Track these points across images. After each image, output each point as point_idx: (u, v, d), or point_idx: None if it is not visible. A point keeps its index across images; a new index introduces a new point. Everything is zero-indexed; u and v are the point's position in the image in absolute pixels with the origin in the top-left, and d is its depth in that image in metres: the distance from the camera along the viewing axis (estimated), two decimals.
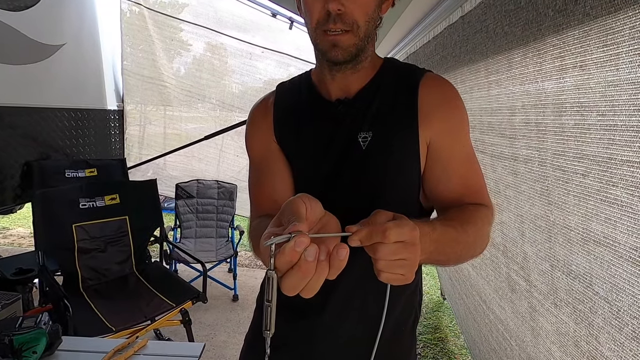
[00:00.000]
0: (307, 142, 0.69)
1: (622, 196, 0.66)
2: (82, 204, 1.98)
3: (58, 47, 2.52)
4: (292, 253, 0.37)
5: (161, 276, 2.13)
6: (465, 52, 1.27)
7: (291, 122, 0.71)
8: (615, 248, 0.71)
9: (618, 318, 0.73)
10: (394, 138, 0.65)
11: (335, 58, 0.61)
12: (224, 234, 3.14)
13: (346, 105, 0.68)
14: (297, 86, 0.75)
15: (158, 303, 1.88)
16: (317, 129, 0.69)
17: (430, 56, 1.68)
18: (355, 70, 0.66)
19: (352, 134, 0.66)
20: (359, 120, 0.66)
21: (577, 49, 0.70)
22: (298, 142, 0.70)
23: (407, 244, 0.44)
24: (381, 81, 0.68)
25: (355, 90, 0.68)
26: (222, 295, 2.86)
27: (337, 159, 0.66)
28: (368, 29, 0.62)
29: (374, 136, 0.65)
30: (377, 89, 0.68)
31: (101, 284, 1.97)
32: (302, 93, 0.73)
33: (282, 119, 0.73)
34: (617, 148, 0.65)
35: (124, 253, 2.09)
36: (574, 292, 0.88)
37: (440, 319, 2.78)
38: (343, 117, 0.67)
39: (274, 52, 3.25)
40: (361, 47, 0.62)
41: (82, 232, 1.95)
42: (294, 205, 0.42)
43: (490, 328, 1.60)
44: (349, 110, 0.67)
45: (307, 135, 0.69)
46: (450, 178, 0.67)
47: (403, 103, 0.66)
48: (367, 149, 0.65)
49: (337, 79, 0.68)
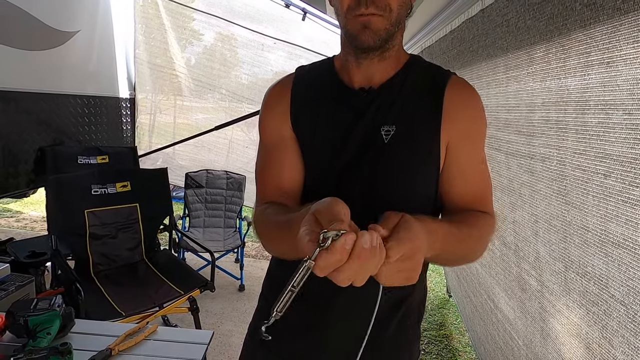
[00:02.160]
0: (326, 130, 0.67)
1: None
2: (94, 190, 2.00)
3: (72, 33, 2.53)
4: (343, 250, 0.38)
5: (170, 264, 2.15)
6: (483, 47, 1.24)
7: (310, 107, 0.69)
8: (635, 250, 0.69)
9: (634, 322, 0.72)
10: (417, 135, 0.64)
11: (365, 41, 0.60)
12: (232, 224, 3.16)
13: (371, 94, 0.66)
14: (317, 71, 0.73)
15: (167, 290, 1.90)
16: (338, 116, 0.67)
17: (446, 50, 1.65)
18: (382, 58, 0.65)
19: (375, 125, 0.65)
20: (383, 112, 0.65)
21: (605, 44, 0.68)
22: (316, 128, 0.68)
23: (408, 258, 0.44)
24: (407, 76, 0.67)
25: (380, 80, 0.67)
26: (228, 285, 2.89)
27: (357, 149, 0.65)
28: (400, 15, 0.60)
29: (397, 130, 0.64)
30: (403, 84, 0.67)
31: (111, 270, 2.00)
32: (323, 78, 0.71)
33: (300, 103, 0.70)
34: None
35: (134, 240, 2.12)
36: (588, 294, 0.86)
37: (446, 316, 2.77)
38: (367, 107, 0.65)
39: (285, 44, 3.23)
40: (391, 33, 0.61)
41: (93, 218, 1.98)
42: (336, 207, 0.42)
43: (497, 327, 1.59)
44: (374, 100, 0.66)
45: (327, 122, 0.67)
46: (464, 182, 0.68)
47: (429, 102, 0.65)
48: (390, 142, 0.64)
49: (362, 67, 0.66)
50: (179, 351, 1.00)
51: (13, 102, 2.15)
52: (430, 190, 0.67)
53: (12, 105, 2.14)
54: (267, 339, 0.47)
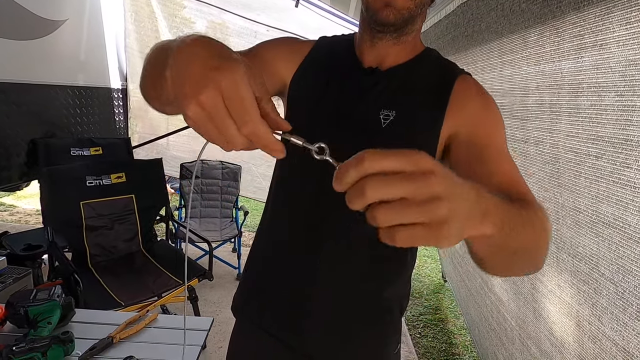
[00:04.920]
0: (328, 103, 0.66)
1: (635, 178, 0.66)
2: (89, 181, 1.98)
3: (60, 22, 2.47)
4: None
5: (167, 254, 2.16)
6: (478, 32, 1.24)
7: (320, 74, 0.68)
8: (625, 230, 0.71)
9: (623, 299, 0.74)
10: (416, 123, 0.63)
11: (386, 18, 0.58)
12: (229, 214, 3.17)
13: (376, 75, 0.65)
14: (337, 42, 0.74)
15: (165, 280, 1.91)
16: (344, 91, 0.66)
17: (441, 35, 1.65)
18: (397, 41, 0.64)
19: (375, 107, 0.64)
20: (385, 96, 0.65)
21: (598, 26, 0.68)
22: (323, 97, 0.67)
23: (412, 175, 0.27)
24: (418, 65, 0.67)
25: (391, 64, 0.66)
26: (226, 274, 2.91)
27: (353, 128, 0.64)
28: None
29: (396, 116, 0.63)
30: (412, 71, 0.66)
31: (109, 261, 2.00)
32: (341, 50, 0.71)
33: (312, 65, 0.70)
34: (634, 129, 0.64)
35: (131, 231, 2.12)
36: (579, 274, 0.89)
37: (441, 300, 2.83)
38: (371, 87, 0.65)
39: (279, 31, 3.18)
40: (413, 15, 0.60)
41: (89, 210, 1.97)
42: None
43: (490, 309, 1.63)
44: (379, 82, 0.65)
45: (332, 94, 0.66)
46: (488, 167, 0.56)
47: (435, 93, 0.63)
48: (387, 127, 0.62)
49: (375, 47, 0.65)
50: (179, 338, 1.01)
51: (2, 93, 2.11)
52: None
53: (1, 97, 2.11)
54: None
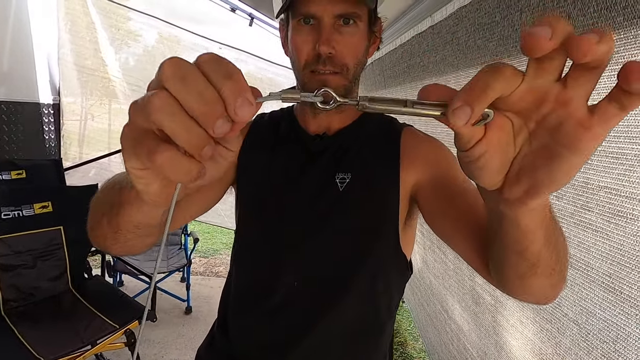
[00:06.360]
0: (277, 169, 0.67)
1: (597, 222, 0.66)
2: (5, 213, 1.70)
3: None
4: None
5: (103, 293, 1.91)
6: (434, 63, 1.25)
7: (264, 145, 0.69)
8: (587, 272, 0.70)
9: (587, 341, 0.73)
10: (373, 182, 0.63)
11: None
12: (177, 241, 2.92)
13: (325, 141, 0.66)
14: (277, 116, 0.74)
15: (99, 325, 1.67)
16: (291, 158, 0.67)
17: (397, 63, 1.66)
18: (339, 110, 0.64)
19: (329, 172, 0.64)
20: (338, 158, 0.65)
21: None
22: (272, 165, 0.67)
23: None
24: (363, 124, 0.68)
25: (336, 129, 0.68)
26: (173, 309, 2.65)
27: (308, 194, 0.64)
28: (356, 72, 0.62)
29: (352, 178, 0.63)
30: (359, 132, 0.67)
31: (28, 306, 1.71)
32: (282, 121, 0.72)
33: (259, 134, 0.70)
34: (594, 174, 0.64)
35: (58, 268, 1.84)
36: (542, 312, 0.88)
37: (399, 322, 2.81)
38: (321, 152, 0.66)
39: (232, 49, 3.09)
40: (349, 89, 0.62)
41: (3, 247, 1.68)
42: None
43: (451, 337, 1.61)
44: (329, 146, 0.66)
45: (281, 161, 0.67)
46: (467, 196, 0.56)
47: (384, 149, 0.65)
48: (345, 190, 0.63)
49: (319, 118, 0.67)
50: None
51: None
52: (391, 235, 0.64)
53: None
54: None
